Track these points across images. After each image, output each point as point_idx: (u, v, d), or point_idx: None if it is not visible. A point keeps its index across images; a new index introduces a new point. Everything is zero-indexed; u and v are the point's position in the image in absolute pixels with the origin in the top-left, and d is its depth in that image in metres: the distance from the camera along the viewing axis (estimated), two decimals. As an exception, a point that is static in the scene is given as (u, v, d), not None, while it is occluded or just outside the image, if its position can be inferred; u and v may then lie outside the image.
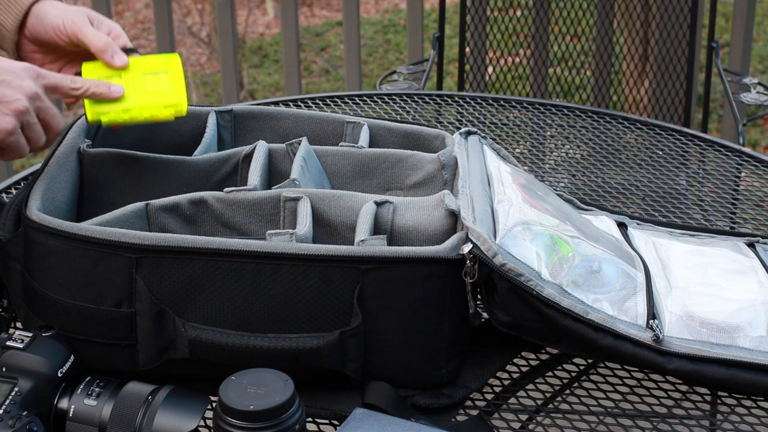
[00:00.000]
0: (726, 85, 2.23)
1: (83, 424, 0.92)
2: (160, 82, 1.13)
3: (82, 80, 1.08)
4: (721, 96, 4.26)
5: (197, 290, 1.00)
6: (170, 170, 1.17)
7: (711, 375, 1.02)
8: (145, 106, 1.12)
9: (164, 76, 1.14)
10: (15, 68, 1.02)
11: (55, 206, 1.09)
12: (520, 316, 1.02)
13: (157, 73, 1.14)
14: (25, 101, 1.02)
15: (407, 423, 0.94)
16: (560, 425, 1.04)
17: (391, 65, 5.40)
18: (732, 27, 2.82)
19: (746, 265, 1.18)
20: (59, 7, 1.14)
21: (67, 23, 1.12)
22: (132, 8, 6.50)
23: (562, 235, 1.10)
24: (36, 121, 1.04)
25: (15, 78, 1.02)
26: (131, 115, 1.11)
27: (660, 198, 1.50)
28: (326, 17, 6.39)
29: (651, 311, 1.05)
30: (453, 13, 3.31)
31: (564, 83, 2.68)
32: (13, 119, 1.01)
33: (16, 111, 1.01)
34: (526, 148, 1.72)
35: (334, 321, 1.00)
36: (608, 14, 2.63)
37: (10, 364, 0.92)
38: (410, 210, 1.09)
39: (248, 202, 1.09)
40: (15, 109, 1.01)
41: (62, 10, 1.14)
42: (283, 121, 1.31)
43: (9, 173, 2.75)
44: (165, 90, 1.13)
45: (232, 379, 0.88)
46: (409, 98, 1.86)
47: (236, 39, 3.03)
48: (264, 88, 5.49)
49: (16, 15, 1.13)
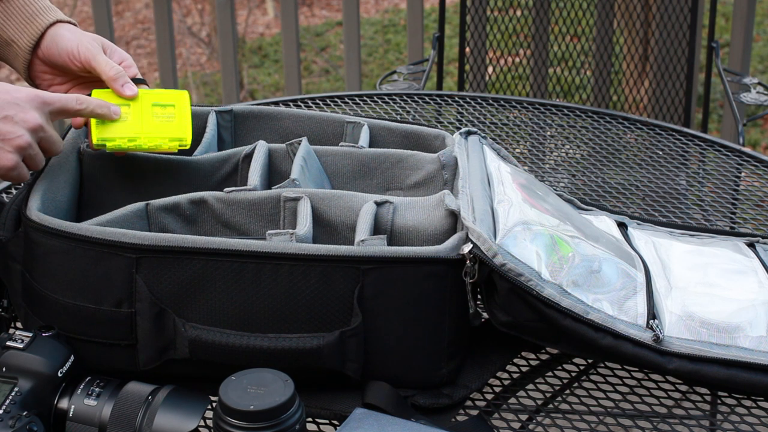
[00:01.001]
0: (726, 85, 2.23)
1: (83, 424, 0.92)
2: (167, 114, 1.14)
3: (87, 100, 1.09)
4: (721, 96, 4.26)
5: (197, 290, 1.00)
6: (170, 170, 1.17)
7: (711, 375, 1.02)
8: (151, 136, 1.13)
9: (172, 108, 1.15)
10: (20, 99, 1.03)
11: (55, 206, 1.09)
12: (520, 316, 1.02)
13: (165, 105, 1.15)
14: (27, 137, 1.03)
15: (407, 423, 0.94)
16: (560, 425, 1.04)
17: (391, 65, 5.40)
18: (732, 27, 2.82)
19: (746, 265, 1.18)
20: (75, 32, 1.16)
21: (82, 49, 1.14)
22: (132, 8, 6.50)
23: (562, 235, 1.10)
24: (38, 152, 1.05)
25: (19, 111, 1.02)
26: (136, 143, 1.12)
27: (660, 198, 1.50)
28: (326, 17, 6.39)
29: (651, 311, 1.05)
30: (453, 13, 3.31)
31: (564, 83, 2.68)
32: (15, 156, 1.03)
33: (18, 147, 1.02)
34: (526, 148, 1.72)
35: (334, 321, 1.00)
36: (608, 14, 2.63)
37: (10, 364, 0.92)
38: (410, 210, 1.09)
39: (248, 202, 1.09)
40: (17, 145, 1.02)
41: (78, 35, 1.15)
42: (283, 121, 1.31)
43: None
44: (171, 123, 1.14)
45: (232, 379, 0.88)
46: (409, 98, 1.86)
47: (236, 39, 3.03)
48: (264, 88, 5.49)
49: (32, 35, 1.15)
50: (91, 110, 1.09)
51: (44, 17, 1.15)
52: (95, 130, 1.11)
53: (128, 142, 1.12)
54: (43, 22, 1.15)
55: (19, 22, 1.15)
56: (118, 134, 1.11)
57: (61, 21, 1.16)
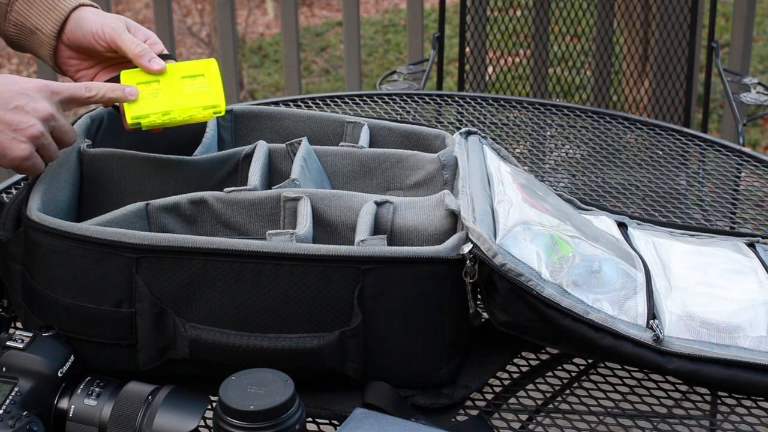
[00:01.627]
0: (726, 85, 2.23)
1: (83, 424, 0.92)
2: (197, 85, 1.14)
3: (96, 86, 1.08)
4: (721, 96, 4.26)
5: (197, 290, 1.00)
6: (170, 170, 1.17)
7: (711, 375, 1.02)
8: (184, 107, 1.13)
9: (201, 78, 1.15)
10: (29, 90, 1.03)
11: (55, 206, 1.09)
12: (520, 316, 1.02)
13: (194, 77, 1.15)
14: (39, 126, 1.02)
15: (407, 423, 0.94)
16: (560, 425, 1.04)
17: (391, 65, 5.40)
18: (732, 27, 2.82)
19: (746, 265, 1.18)
20: (98, 14, 1.16)
21: (106, 29, 1.13)
22: (132, 8, 6.51)
23: (562, 235, 1.10)
24: (50, 141, 1.05)
25: (29, 101, 1.02)
26: (171, 117, 1.12)
27: (660, 198, 1.50)
28: (326, 17, 6.39)
29: (651, 311, 1.05)
30: (453, 13, 3.31)
31: (564, 83, 2.68)
32: (28, 145, 1.02)
33: (31, 137, 1.02)
34: (526, 148, 1.72)
35: (334, 321, 1.00)
36: (608, 14, 2.63)
37: (10, 364, 0.92)
38: (410, 210, 1.09)
39: (248, 202, 1.09)
40: (30, 135, 1.02)
41: (101, 16, 1.15)
42: (283, 121, 1.31)
43: (9, 173, 2.75)
44: (203, 92, 1.14)
45: (232, 379, 0.88)
46: (409, 98, 1.86)
47: (236, 39, 3.03)
48: (264, 88, 5.49)
49: (56, 21, 1.14)
50: (102, 95, 1.08)
51: (66, 2, 1.15)
52: (128, 109, 1.11)
53: (162, 116, 1.12)
54: (66, 7, 1.15)
55: (42, 9, 1.15)
56: (152, 110, 1.12)
57: (84, 4, 1.16)
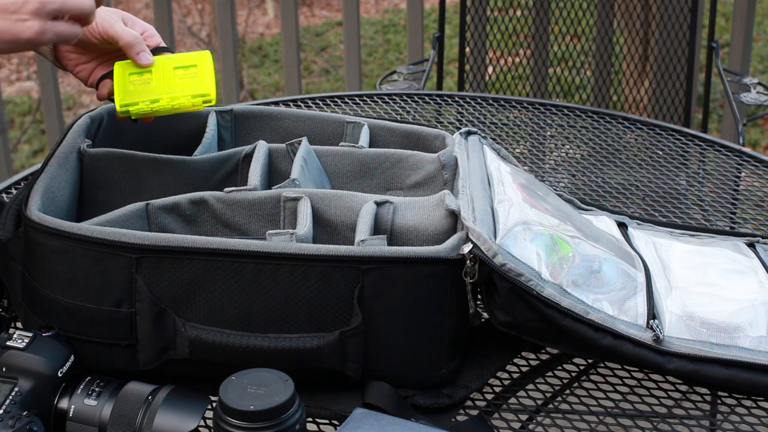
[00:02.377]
0: (726, 85, 2.23)
1: (83, 424, 0.92)
2: (189, 75, 1.15)
3: None
4: (721, 96, 4.26)
5: (197, 290, 1.00)
6: (170, 170, 1.17)
7: (711, 375, 1.02)
8: (173, 95, 1.13)
9: (194, 69, 1.15)
10: None
11: (55, 206, 1.09)
12: (520, 316, 1.02)
13: (187, 67, 1.15)
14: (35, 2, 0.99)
15: (407, 423, 0.94)
16: (560, 425, 1.04)
17: (391, 65, 5.40)
18: (732, 27, 2.82)
19: (746, 265, 1.18)
20: None
21: (99, 20, 1.14)
22: (132, 8, 6.50)
23: (562, 235, 1.10)
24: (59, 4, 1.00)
25: None
26: (159, 104, 1.13)
27: (660, 198, 1.50)
28: (326, 17, 6.39)
29: (651, 311, 1.05)
30: (453, 13, 3.31)
31: (564, 83, 2.68)
32: (35, 21, 0.99)
33: (33, 11, 0.99)
34: (526, 148, 1.72)
35: (334, 321, 1.00)
36: (608, 14, 2.63)
37: (10, 364, 0.92)
38: (410, 210, 1.09)
39: (248, 202, 1.09)
40: (30, 10, 0.99)
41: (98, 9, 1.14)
42: (283, 121, 1.31)
43: (9, 173, 2.75)
44: (193, 81, 1.15)
45: (232, 379, 0.88)
46: (409, 98, 1.86)
47: (236, 39, 3.03)
48: (264, 88, 5.49)
49: None
50: None
51: None
52: (118, 97, 1.12)
53: (151, 104, 1.12)
54: None
55: None
56: (141, 98, 1.12)
57: None
